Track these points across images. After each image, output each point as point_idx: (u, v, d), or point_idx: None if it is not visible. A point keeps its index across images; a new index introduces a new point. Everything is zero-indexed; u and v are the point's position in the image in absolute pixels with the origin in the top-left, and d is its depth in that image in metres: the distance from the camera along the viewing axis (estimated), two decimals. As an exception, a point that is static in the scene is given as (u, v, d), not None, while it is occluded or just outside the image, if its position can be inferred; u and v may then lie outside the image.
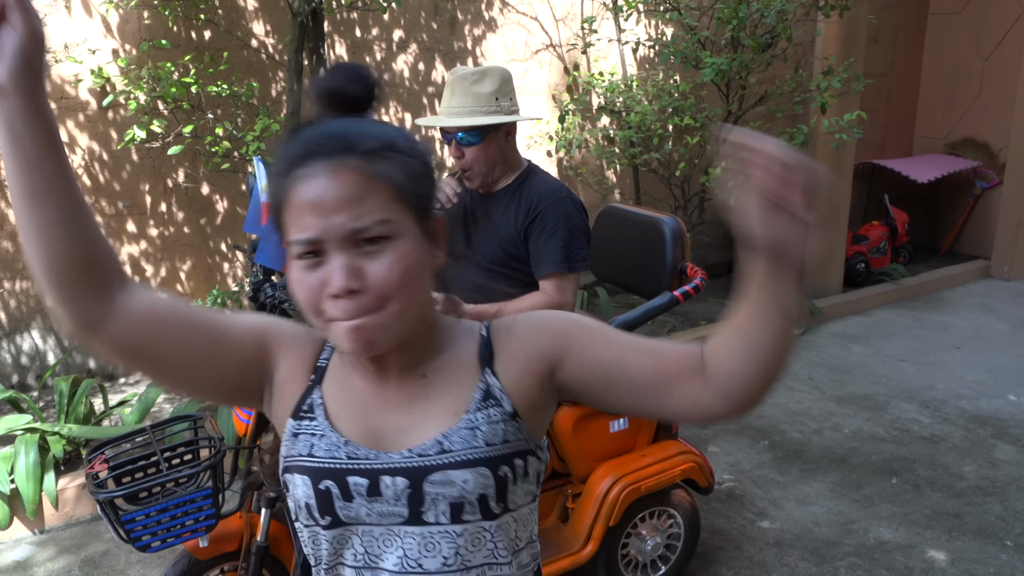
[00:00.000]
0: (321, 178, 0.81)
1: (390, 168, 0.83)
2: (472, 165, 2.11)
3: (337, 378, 0.95)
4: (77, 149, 3.76)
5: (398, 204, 0.83)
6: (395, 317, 0.83)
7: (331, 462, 0.89)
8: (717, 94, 4.57)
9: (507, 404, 0.90)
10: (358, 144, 0.82)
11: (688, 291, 2.21)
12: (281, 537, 2.06)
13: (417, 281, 0.84)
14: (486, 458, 0.88)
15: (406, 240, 0.83)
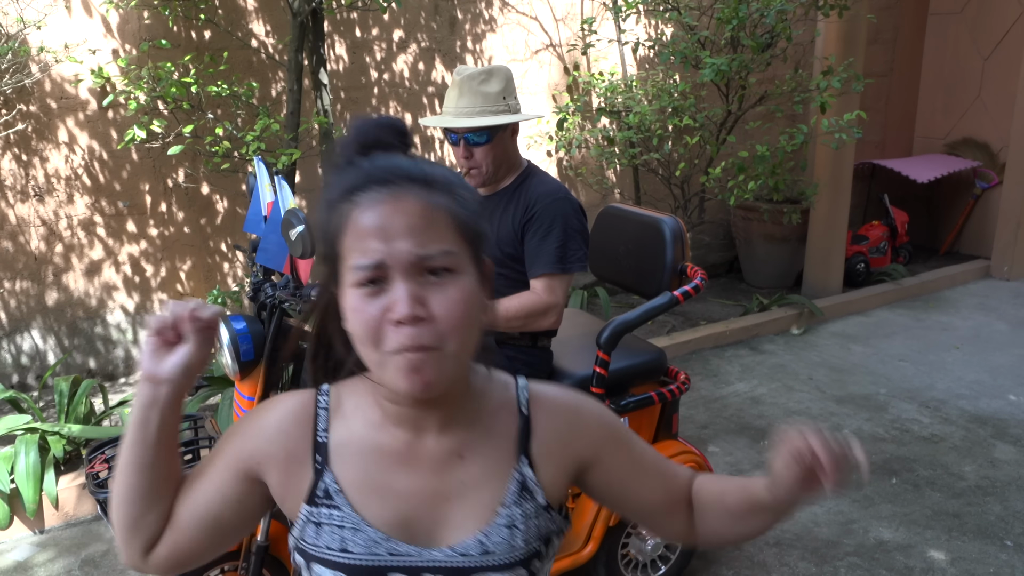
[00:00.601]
0: (386, 204, 0.78)
1: (449, 201, 0.81)
2: (481, 165, 2.12)
3: (349, 452, 0.88)
4: (77, 149, 3.76)
5: (459, 238, 0.81)
6: (453, 358, 0.79)
7: (371, 559, 0.85)
8: (717, 94, 4.57)
9: (540, 497, 0.90)
10: (419, 176, 0.81)
11: (688, 291, 2.21)
12: (281, 537, 2.05)
13: (474, 322, 0.81)
14: (523, 559, 0.87)
15: (466, 276, 0.81)
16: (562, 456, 0.93)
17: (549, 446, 0.92)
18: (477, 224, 0.84)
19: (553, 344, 2.31)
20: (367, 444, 0.88)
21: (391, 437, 0.88)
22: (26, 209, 3.70)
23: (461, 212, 0.81)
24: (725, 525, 0.98)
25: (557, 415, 0.94)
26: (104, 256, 3.92)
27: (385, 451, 0.88)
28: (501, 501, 0.88)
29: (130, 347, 4.08)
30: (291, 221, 1.72)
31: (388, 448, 0.88)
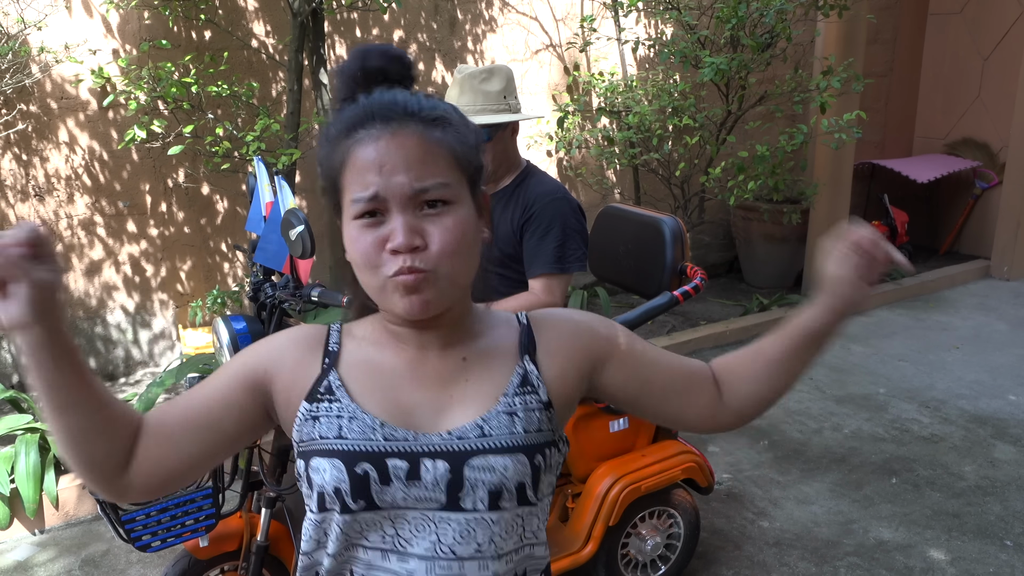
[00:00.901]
0: (383, 139, 0.83)
1: (447, 136, 0.85)
2: None
3: (357, 360, 0.93)
4: (77, 149, 3.76)
5: (456, 171, 0.85)
6: (448, 280, 0.84)
7: (367, 444, 0.87)
8: (717, 94, 4.57)
9: (543, 393, 0.91)
10: (417, 111, 0.84)
11: (688, 291, 2.21)
12: (281, 537, 2.06)
13: (470, 249, 0.86)
14: (524, 445, 0.88)
15: (462, 207, 0.85)
16: (571, 352, 0.95)
17: (556, 345, 0.95)
18: (474, 157, 0.88)
19: (553, 344, 2.30)
20: (374, 359, 0.93)
21: (396, 355, 0.93)
22: (26, 209, 3.70)
23: (458, 146, 0.85)
24: (764, 382, 1.00)
25: (560, 320, 0.98)
26: (104, 256, 3.92)
27: (389, 366, 0.92)
28: (503, 391, 0.90)
29: (130, 347, 4.08)
30: (291, 221, 1.72)
31: (393, 364, 0.92)
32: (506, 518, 0.88)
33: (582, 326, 0.98)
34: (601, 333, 0.98)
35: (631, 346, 0.98)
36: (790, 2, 3.89)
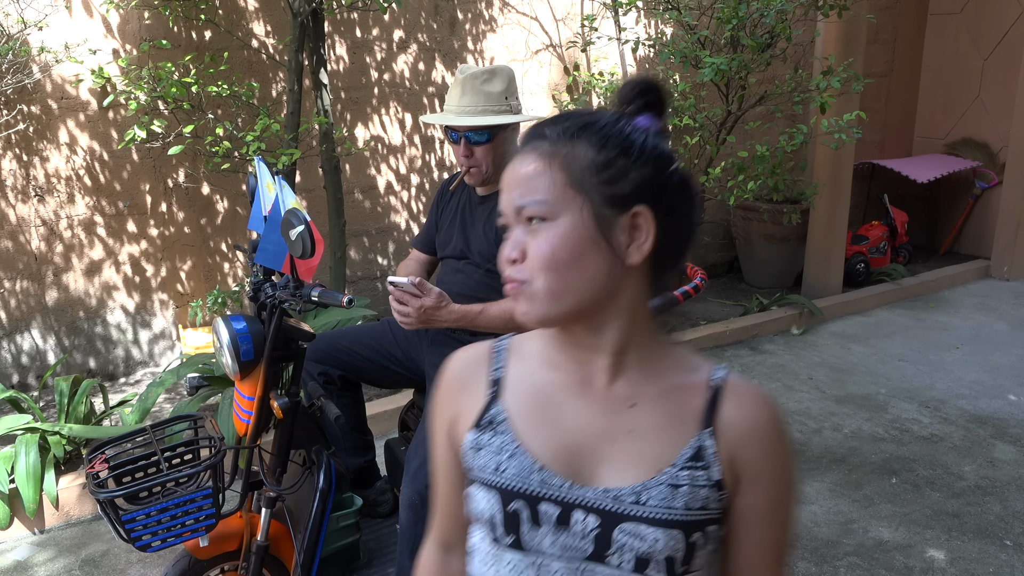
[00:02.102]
0: (517, 159, 0.87)
1: (571, 152, 0.84)
2: (480, 164, 2.12)
3: (523, 387, 0.92)
4: (78, 149, 3.76)
5: (567, 188, 0.83)
6: (544, 292, 0.84)
7: (521, 484, 0.87)
8: (717, 94, 4.57)
9: (715, 472, 0.85)
10: (552, 129, 0.86)
11: (688, 291, 2.21)
12: (281, 537, 2.06)
13: (567, 264, 0.83)
14: (681, 521, 0.84)
15: (564, 223, 0.83)
16: (741, 448, 0.86)
17: (739, 431, 0.87)
18: (600, 173, 0.83)
19: (553, 344, 2.30)
20: (539, 379, 0.92)
21: (563, 374, 0.91)
22: (26, 209, 3.70)
23: (576, 163, 0.83)
24: None
25: (754, 410, 0.87)
26: (104, 256, 3.92)
27: (556, 386, 0.91)
28: (671, 461, 0.85)
29: (130, 347, 4.08)
30: (291, 221, 1.72)
31: (559, 384, 0.91)
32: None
33: (763, 430, 0.87)
34: (762, 453, 0.86)
35: (763, 494, 0.87)
36: (790, 2, 3.89)
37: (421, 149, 4.64)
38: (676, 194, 0.85)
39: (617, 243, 0.84)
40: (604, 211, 0.83)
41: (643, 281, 0.88)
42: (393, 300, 1.94)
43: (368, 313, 3.63)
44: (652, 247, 0.84)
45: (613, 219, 0.83)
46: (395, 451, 2.39)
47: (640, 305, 0.88)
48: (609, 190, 0.83)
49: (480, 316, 2.02)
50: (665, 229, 0.84)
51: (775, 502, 0.87)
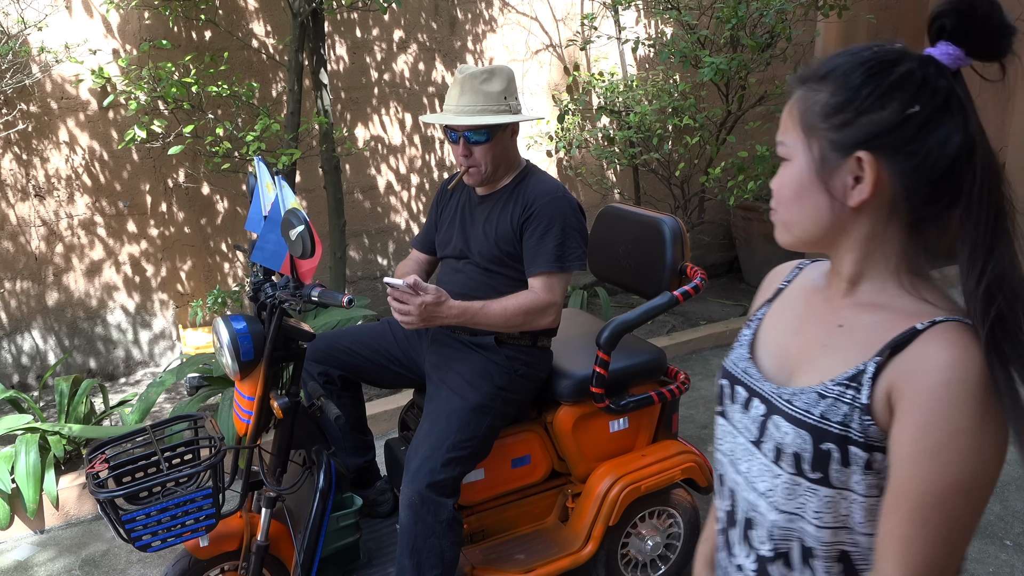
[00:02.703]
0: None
1: (807, 97, 0.88)
2: (479, 163, 2.12)
3: (787, 297, 1.05)
4: (78, 149, 3.76)
5: (800, 132, 0.89)
6: (782, 224, 0.95)
7: (732, 368, 1.04)
8: (717, 94, 4.57)
9: (864, 395, 0.85)
10: (806, 71, 0.90)
11: (688, 291, 2.22)
12: (281, 537, 2.06)
13: (792, 201, 0.91)
14: (813, 426, 0.88)
15: (794, 164, 0.90)
16: (894, 381, 0.84)
17: (903, 365, 0.84)
18: (829, 118, 0.86)
19: (553, 344, 2.31)
20: (798, 292, 1.05)
21: (813, 290, 1.02)
22: (26, 209, 3.70)
23: (809, 107, 0.88)
24: None
25: (933, 347, 0.83)
26: (104, 256, 3.92)
27: (802, 299, 1.03)
28: (832, 376, 0.89)
29: (130, 347, 4.08)
30: (291, 221, 1.72)
31: (805, 297, 1.02)
32: (784, 479, 0.92)
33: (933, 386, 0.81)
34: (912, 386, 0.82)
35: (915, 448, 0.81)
36: (790, 2, 3.89)
37: (421, 149, 4.64)
38: (915, 137, 0.82)
39: (838, 185, 0.86)
40: (828, 155, 0.86)
41: (883, 223, 0.88)
42: (393, 301, 1.94)
43: (368, 313, 3.63)
44: (872, 191, 0.85)
45: (836, 163, 0.86)
46: (395, 451, 2.39)
47: (879, 245, 0.90)
48: (835, 135, 0.85)
49: (481, 312, 2.02)
50: (900, 172, 0.83)
51: (921, 451, 0.80)
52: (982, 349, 0.80)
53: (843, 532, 0.90)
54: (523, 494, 2.35)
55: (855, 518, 0.88)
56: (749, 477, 0.97)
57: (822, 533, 0.90)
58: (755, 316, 1.08)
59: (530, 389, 2.22)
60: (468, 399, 2.07)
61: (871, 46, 0.86)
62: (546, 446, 2.33)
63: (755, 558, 0.98)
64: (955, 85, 0.82)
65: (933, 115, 0.81)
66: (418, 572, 1.96)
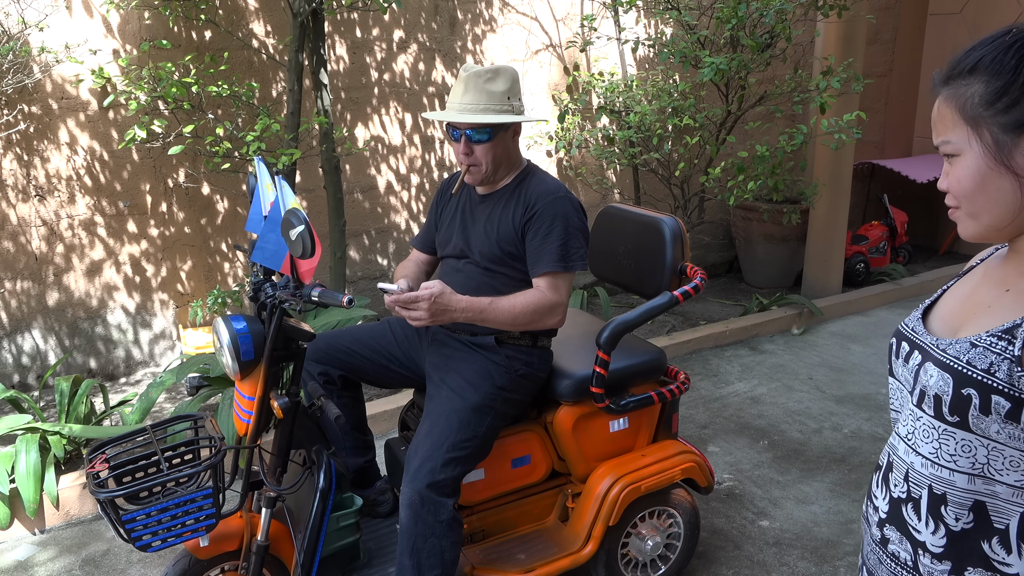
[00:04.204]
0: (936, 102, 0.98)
1: (960, 92, 0.92)
2: (480, 162, 2.12)
3: (973, 273, 1.09)
4: (78, 149, 3.76)
5: (963, 126, 0.93)
6: (967, 215, 0.97)
7: (903, 326, 1.09)
8: (717, 94, 4.57)
9: (1017, 348, 0.90)
10: (949, 70, 0.95)
11: (688, 291, 2.22)
12: (281, 536, 2.06)
13: (975, 192, 0.94)
14: (956, 370, 0.93)
15: (967, 157, 0.94)
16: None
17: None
18: (989, 106, 0.90)
19: (553, 344, 2.31)
20: (985, 265, 1.08)
21: (996, 266, 1.04)
22: (27, 209, 3.70)
23: (964, 101, 0.92)
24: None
25: None
26: (105, 256, 3.92)
27: (984, 269, 1.07)
28: (987, 329, 0.94)
29: (131, 347, 4.08)
30: (291, 221, 1.72)
31: (987, 268, 1.06)
32: (924, 421, 0.98)
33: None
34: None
35: None
36: (790, 2, 3.89)
37: (421, 149, 4.65)
38: None
39: (1021, 163, 0.90)
40: (1002, 138, 0.90)
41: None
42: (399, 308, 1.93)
43: (368, 313, 3.63)
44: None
45: (1013, 144, 0.90)
46: (395, 451, 2.39)
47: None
48: (1003, 118, 0.90)
49: (489, 308, 2.01)
50: None
51: None
52: None
53: (980, 481, 0.94)
54: (523, 494, 2.35)
55: (994, 466, 0.93)
56: (910, 436, 1.02)
57: (956, 478, 0.95)
58: (942, 288, 1.12)
59: (530, 389, 2.22)
60: (468, 399, 2.07)
61: (1006, 31, 0.92)
62: (546, 446, 2.33)
63: (888, 499, 1.04)
64: None
65: None
66: (418, 572, 1.96)
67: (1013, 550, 0.94)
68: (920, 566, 1.00)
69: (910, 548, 1.01)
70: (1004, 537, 0.94)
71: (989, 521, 0.95)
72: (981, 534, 0.95)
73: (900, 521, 1.02)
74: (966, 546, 0.96)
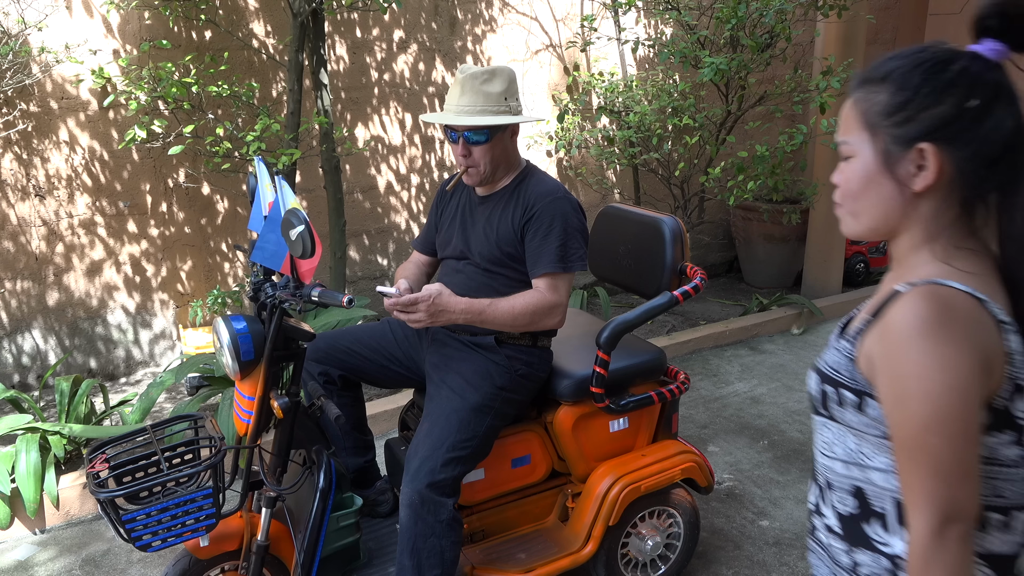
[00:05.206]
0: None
1: (868, 97, 0.98)
2: (478, 164, 2.12)
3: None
4: (78, 149, 3.76)
5: (860, 130, 0.99)
6: (847, 215, 1.04)
7: None
8: (716, 94, 4.57)
9: (852, 349, 1.01)
10: (864, 73, 1.00)
11: (688, 291, 2.22)
12: (281, 536, 2.06)
13: (858, 192, 1.00)
14: (820, 370, 1.07)
15: (859, 160, 0.99)
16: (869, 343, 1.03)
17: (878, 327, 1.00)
18: (888, 117, 0.96)
19: (553, 344, 2.31)
20: None
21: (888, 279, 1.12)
22: (27, 209, 3.70)
23: (869, 107, 0.98)
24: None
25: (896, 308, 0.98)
26: (105, 256, 3.92)
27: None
28: (849, 333, 1.06)
29: (131, 347, 4.08)
30: (291, 221, 1.72)
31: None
32: (818, 421, 1.09)
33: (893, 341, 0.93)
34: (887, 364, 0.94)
35: (887, 401, 0.95)
36: (790, 2, 3.89)
37: (421, 149, 4.65)
38: (970, 125, 0.92)
39: (902, 174, 0.96)
40: (892, 148, 0.96)
41: (942, 203, 0.97)
42: (397, 312, 1.94)
43: (368, 313, 3.63)
44: (936, 176, 0.94)
45: (899, 155, 0.96)
46: (395, 451, 2.39)
47: (935, 224, 0.98)
48: (897, 131, 0.95)
49: (488, 310, 2.01)
50: (959, 157, 0.93)
51: (891, 401, 0.94)
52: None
53: (855, 468, 1.03)
54: (523, 494, 2.35)
55: (864, 452, 1.01)
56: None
57: (834, 464, 1.06)
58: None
59: (530, 389, 2.22)
60: (468, 399, 2.07)
61: (925, 48, 0.95)
62: (546, 446, 2.33)
63: (816, 490, 1.15)
64: (1002, 77, 0.92)
65: (986, 105, 0.91)
66: (418, 572, 1.96)
67: (892, 531, 1.00)
68: (830, 547, 1.09)
69: (824, 530, 1.10)
70: (884, 521, 1.01)
71: (868, 505, 1.03)
72: (863, 517, 1.03)
73: (818, 509, 1.12)
74: (854, 528, 1.04)
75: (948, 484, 0.88)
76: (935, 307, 0.89)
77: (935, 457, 0.88)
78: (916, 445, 0.90)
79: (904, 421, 0.91)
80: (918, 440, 0.89)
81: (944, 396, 0.87)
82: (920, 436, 0.89)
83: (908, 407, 0.90)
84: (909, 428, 0.90)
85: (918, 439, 0.89)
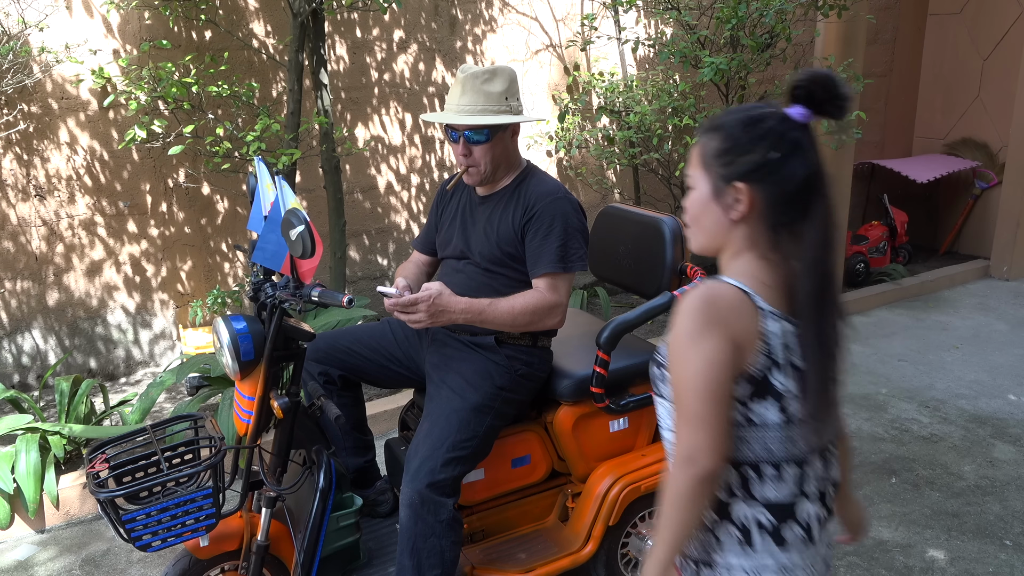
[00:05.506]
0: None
1: (705, 142, 1.20)
2: (479, 163, 2.12)
3: None
4: (78, 149, 3.76)
5: (699, 168, 1.21)
6: (692, 234, 1.25)
7: None
8: (717, 94, 4.58)
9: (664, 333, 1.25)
10: (709, 121, 1.22)
11: (687, 291, 2.21)
12: (281, 536, 2.06)
13: (697, 217, 1.23)
14: (657, 355, 1.26)
15: (697, 191, 1.22)
16: None
17: None
18: (718, 159, 1.18)
19: (553, 344, 2.31)
20: None
21: None
22: (27, 209, 3.70)
23: (704, 150, 1.20)
24: None
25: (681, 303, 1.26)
26: (105, 256, 3.92)
27: None
28: None
29: (131, 347, 4.08)
30: (291, 221, 1.72)
31: None
32: (656, 401, 1.32)
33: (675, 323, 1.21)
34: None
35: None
36: (790, 2, 3.89)
37: (421, 149, 4.65)
38: (773, 171, 1.15)
39: (725, 205, 1.18)
40: (719, 184, 1.18)
41: (753, 229, 1.18)
42: (397, 312, 1.94)
43: (368, 313, 3.63)
44: (748, 208, 1.16)
45: (724, 189, 1.18)
46: (395, 451, 2.39)
47: (748, 243, 1.19)
48: (723, 171, 1.18)
49: (488, 309, 2.01)
50: (765, 195, 1.16)
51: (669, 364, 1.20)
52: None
53: (667, 434, 1.26)
54: (523, 494, 2.35)
55: (664, 422, 1.27)
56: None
57: (671, 436, 1.23)
58: None
59: (530, 389, 2.22)
60: (468, 399, 2.07)
61: (751, 107, 1.19)
62: (546, 446, 2.33)
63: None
64: (803, 135, 1.15)
65: (786, 156, 1.14)
66: (418, 572, 1.96)
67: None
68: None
69: None
70: None
71: None
72: None
73: None
74: None
75: (692, 430, 1.14)
76: (702, 296, 1.15)
77: (687, 409, 1.14)
78: (678, 400, 1.16)
79: (674, 383, 1.16)
80: (678, 396, 1.15)
81: (694, 362, 1.12)
82: (680, 393, 1.15)
83: (674, 371, 1.16)
84: (677, 387, 1.16)
85: (679, 396, 1.15)
